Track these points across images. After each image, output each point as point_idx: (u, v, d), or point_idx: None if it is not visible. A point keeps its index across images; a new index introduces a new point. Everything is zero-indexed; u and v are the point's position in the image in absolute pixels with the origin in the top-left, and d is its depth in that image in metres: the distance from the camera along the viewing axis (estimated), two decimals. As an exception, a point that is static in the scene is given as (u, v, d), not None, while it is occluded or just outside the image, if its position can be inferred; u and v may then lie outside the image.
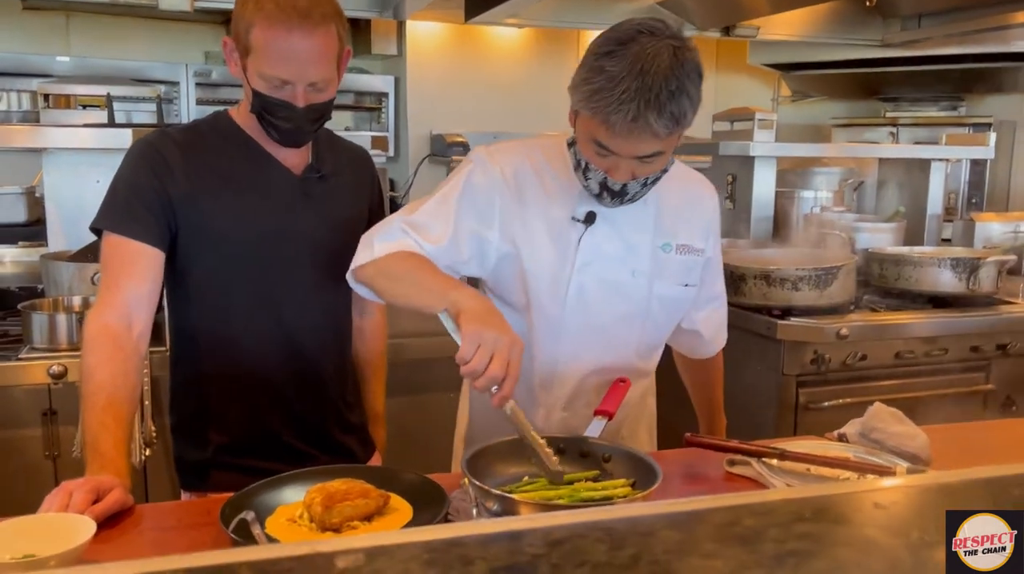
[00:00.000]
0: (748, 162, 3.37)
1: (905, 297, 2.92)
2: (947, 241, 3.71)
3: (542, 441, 1.29)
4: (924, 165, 3.59)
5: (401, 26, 4.31)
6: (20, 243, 3.22)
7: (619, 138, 1.33)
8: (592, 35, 4.30)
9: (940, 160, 3.61)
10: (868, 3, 4.07)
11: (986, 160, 4.39)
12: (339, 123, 4.27)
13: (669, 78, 1.28)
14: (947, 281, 2.84)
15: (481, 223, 1.50)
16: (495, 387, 1.21)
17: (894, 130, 5.10)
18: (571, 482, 1.31)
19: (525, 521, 0.68)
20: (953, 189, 4.42)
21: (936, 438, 1.49)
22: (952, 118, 5.07)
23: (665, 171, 1.45)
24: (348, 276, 1.50)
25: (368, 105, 4.61)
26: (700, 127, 4.30)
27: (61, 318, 2.20)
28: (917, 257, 2.93)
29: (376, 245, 1.45)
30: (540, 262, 1.52)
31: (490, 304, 1.31)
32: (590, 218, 1.51)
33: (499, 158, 1.54)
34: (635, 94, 1.28)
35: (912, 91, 5.15)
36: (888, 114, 5.28)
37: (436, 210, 1.50)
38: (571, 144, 1.47)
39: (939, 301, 2.87)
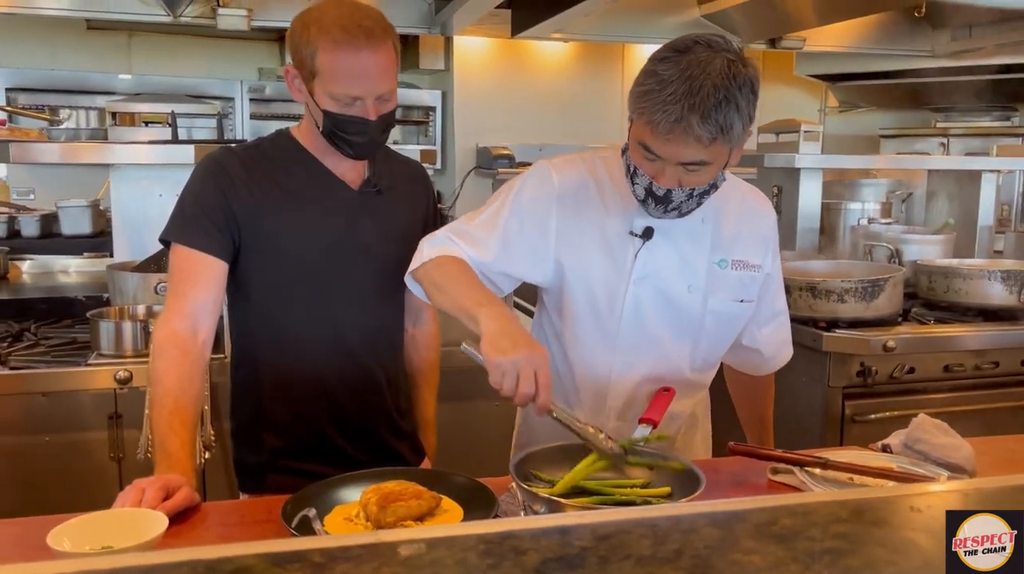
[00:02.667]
0: (793, 174, 3.37)
1: (954, 310, 2.89)
2: (999, 253, 3.66)
3: (592, 430, 1.34)
4: (974, 176, 3.55)
5: (448, 41, 4.39)
6: (85, 254, 3.35)
7: (662, 140, 1.36)
8: (637, 49, 4.32)
9: (991, 171, 3.57)
10: (917, 13, 4.04)
11: (1040, 171, 4.30)
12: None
13: (718, 86, 1.31)
14: (997, 294, 2.81)
15: (537, 233, 1.54)
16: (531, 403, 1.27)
17: (945, 140, 5.04)
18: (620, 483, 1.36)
19: (574, 517, 0.72)
20: (1006, 200, 4.34)
21: (981, 450, 1.49)
22: (1005, 128, 4.99)
23: (715, 187, 1.46)
24: (407, 278, 1.55)
25: (416, 119, 4.70)
26: (745, 139, 4.32)
27: (127, 326, 2.30)
28: (967, 270, 2.90)
29: (425, 250, 1.51)
30: (597, 274, 1.55)
31: (508, 323, 1.33)
32: (648, 233, 1.53)
33: (560, 170, 1.58)
34: (681, 97, 1.31)
35: (963, 101, 5.07)
36: (939, 124, 5.21)
37: (489, 220, 1.54)
38: (624, 151, 1.49)
39: (989, 314, 2.84)
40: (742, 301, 1.62)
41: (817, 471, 1.43)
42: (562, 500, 1.26)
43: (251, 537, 1.25)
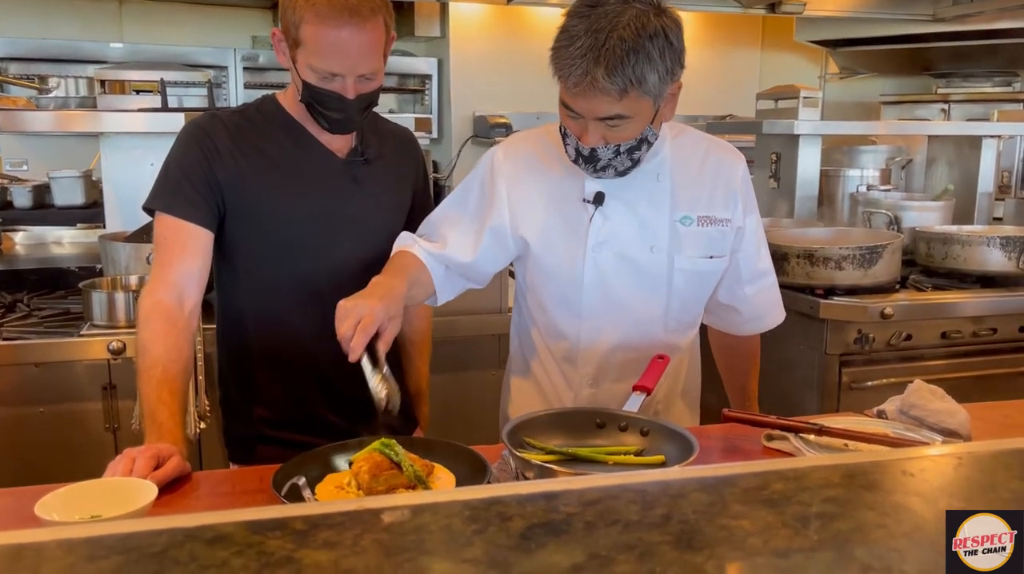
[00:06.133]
0: (792, 141, 3.34)
1: (953, 276, 2.87)
2: (999, 219, 3.63)
3: (386, 390, 1.30)
4: (975, 142, 3.52)
5: (444, 8, 4.33)
6: (78, 225, 3.32)
7: (574, 96, 1.36)
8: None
9: (991, 137, 3.53)
10: (919, -23, 3.98)
11: (1041, 137, 4.26)
12: (383, 105, 4.31)
13: (624, 39, 1.30)
14: (996, 260, 2.79)
15: (492, 214, 1.56)
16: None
17: (946, 106, 4.98)
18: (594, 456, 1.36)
19: (561, 482, 0.71)
20: (1006, 166, 4.31)
21: (979, 416, 1.49)
22: (1006, 94, 4.94)
23: (647, 142, 1.45)
24: None
25: (411, 87, 4.65)
26: (744, 106, 4.28)
27: (119, 296, 2.28)
28: (965, 236, 2.88)
29: (393, 249, 1.56)
30: (554, 243, 1.55)
31: (378, 286, 1.38)
32: (599, 198, 1.52)
33: (507, 148, 1.60)
34: (587, 51, 1.31)
35: (965, 66, 5.01)
36: (940, 90, 5.15)
37: (446, 212, 1.61)
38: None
39: (988, 280, 2.83)
40: (711, 257, 1.60)
41: (812, 437, 1.43)
42: (555, 467, 1.26)
43: (242, 506, 1.24)
